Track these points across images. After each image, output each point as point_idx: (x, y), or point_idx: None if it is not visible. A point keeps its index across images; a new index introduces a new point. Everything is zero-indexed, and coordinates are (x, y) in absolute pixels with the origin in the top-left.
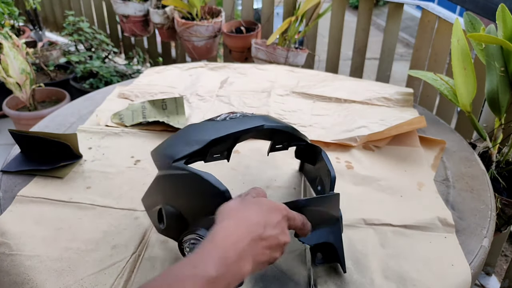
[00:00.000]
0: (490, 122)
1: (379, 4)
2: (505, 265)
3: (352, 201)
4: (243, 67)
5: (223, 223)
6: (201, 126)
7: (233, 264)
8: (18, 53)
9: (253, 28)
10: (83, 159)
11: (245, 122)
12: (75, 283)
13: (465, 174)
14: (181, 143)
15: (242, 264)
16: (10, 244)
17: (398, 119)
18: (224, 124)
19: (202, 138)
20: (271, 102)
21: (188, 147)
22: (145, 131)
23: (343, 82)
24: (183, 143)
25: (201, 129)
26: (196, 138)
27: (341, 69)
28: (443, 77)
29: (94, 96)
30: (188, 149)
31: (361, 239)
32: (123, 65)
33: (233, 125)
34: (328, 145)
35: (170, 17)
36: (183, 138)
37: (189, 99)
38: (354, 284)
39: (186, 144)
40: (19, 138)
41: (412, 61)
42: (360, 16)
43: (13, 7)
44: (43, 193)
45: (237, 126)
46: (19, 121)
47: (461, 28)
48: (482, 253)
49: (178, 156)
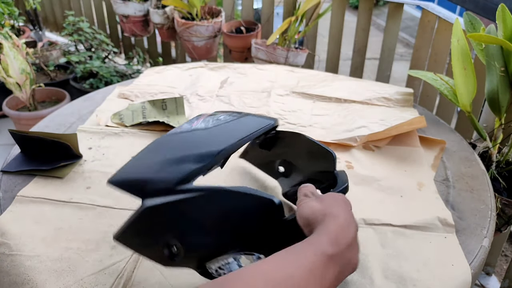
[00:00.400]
0: (490, 122)
1: (379, 4)
2: (505, 265)
3: (352, 201)
4: (243, 67)
5: (332, 215)
6: (190, 136)
7: (345, 251)
8: (18, 53)
9: (253, 28)
10: (83, 159)
11: (244, 124)
12: (75, 283)
13: (465, 174)
14: (174, 160)
15: (351, 255)
16: (10, 244)
17: (398, 119)
18: (221, 130)
19: (209, 150)
20: (271, 102)
21: (193, 163)
22: (145, 131)
23: (343, 82)
24: (178, 160)
25: (193, 140)
26: (198, 152)
27: (341, 69)
28: (443, 77)
29: (94, 96)
30: (195, 165)
31: (361, 239)
32: (123, 65)
33: (233, 129)
34: (328, 145)
35: (170, 17)
36: (170, 153)
37: (189, 99)
38: (354, 284)
39: (184, 160)
40: (19, 138)
41: (412, 61)
42: (360, 16)
43: (13, 7)
44: (43, 193)
45: (240, 130)
46: (19, 121)
47: (461, 28)
48: (482, 253)
49: (182, 175)
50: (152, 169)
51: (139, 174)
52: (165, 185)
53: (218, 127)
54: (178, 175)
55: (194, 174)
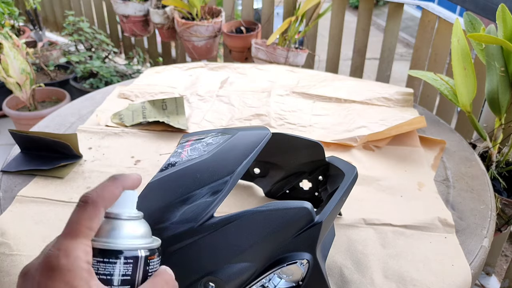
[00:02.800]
0: (490, 122)
1: (379, 4)
2: (505, 265)
3: (352, 201)
4: (243, 67)
5: None
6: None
7: None
8: (18, 53)
9: (253, 28)
10: (83, 159)
11: (241, 142)
12: None
13: (465, 174)
14: (184, 200)
15: None
16: (10, 244)
17: (398, 119)
18: (222, 154)
19: (220, 178)
20: (271, 102)
21: (208, 197)
22: (145, 131)
23: (343, 82)
24: (190, 198)
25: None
26: (209, 183)
27: (341, 69)
28: (443, 77)
29: (94, 96)
30: (211, 198)
31: (361, 239)
32: (123, 65)
33: (233, 150)
34: (328, 145)
35: (170, 17)
36: (175, 194)
37: (189, 99)
38: (354, 284)
39: (198, 196)
40: (19, 138)
41: (412, 61)
42: (360, 16)
43: (13, 7)
44: (43, 193)
45: (241, 149)
46: (19, 121)
47: (461, 28)
48: (482, 253)
49: (204, 212)
50: (165, 216)
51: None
52: (187, 227)
53: (216, 151)
54: (197, 215)
55: (214, 207)
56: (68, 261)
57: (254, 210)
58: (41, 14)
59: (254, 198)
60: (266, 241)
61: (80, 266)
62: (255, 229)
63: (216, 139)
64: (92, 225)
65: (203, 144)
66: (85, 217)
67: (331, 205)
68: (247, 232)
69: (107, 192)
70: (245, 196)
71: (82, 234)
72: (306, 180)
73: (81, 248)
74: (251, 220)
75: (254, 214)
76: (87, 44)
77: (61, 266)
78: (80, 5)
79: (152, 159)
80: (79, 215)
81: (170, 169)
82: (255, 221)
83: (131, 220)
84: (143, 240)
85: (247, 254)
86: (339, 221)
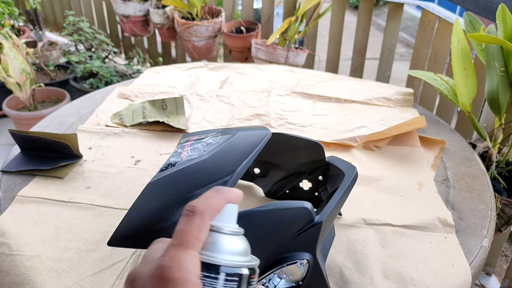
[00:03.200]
0: (490, 122)
1: (379, 4)
2: (505, 265)
3: (352, 201)
4: (243, 67)
5: None
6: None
7: None
8: (18, 53)
9: (253, 28)
10: (83, 159)
11: (241, 142)
12: (75, 284)
13: (465, 174)
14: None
15: None
16: (10, 244)
17: (398, 119)
18: (222, 153)
19: (221, 177)
20: (271, 102)
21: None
22: (145, 131)
23: (343, 82)
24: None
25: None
26: (210, 182)
27: (341, 69)
28: (443, 77)
29: (94, 96)
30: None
31: (361, 239)
32: (123, 65)
33: (233, 150)
34: (328, 145)
35: (170, 17)
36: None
37: (189, 99)
38: (354, 283)
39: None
40: (19, 138)
41: (412, 61)
42: (360, 16)
43: (13, 7)
44: (43, 193)
45: (241, 148)
46: (19, 121)
47: (461, 28)
48: (482, 253)
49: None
50: (165, 216)
51: (148, 225)
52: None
53: (216, 151)
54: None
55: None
56: (180, 274)
57: (254, 210)
58: (41, 14)
59: (254, 198)
60: (266, 241)
61: (191, 280)
62: (255, 229)
63: (216, 139)
64: (201, 236)
65: (203, 144)
66: (194, 227)
67: (331, 205)
68: (247, 232)
69: (212, 204)
70: (245, 196)
71: (192, 245)
72: (306, 180)
73: (191, 261)
74: (251, 220)
75: (254, 214)
76: (87, 44)
77: (175, 279)
78: (80, 5)
79: (152, 159)
80: (187, 226)
81: (170, 169)
82: (255, 221)
83: (234, 235)
84: (245, 257)
85: None
86: (339, 221)
